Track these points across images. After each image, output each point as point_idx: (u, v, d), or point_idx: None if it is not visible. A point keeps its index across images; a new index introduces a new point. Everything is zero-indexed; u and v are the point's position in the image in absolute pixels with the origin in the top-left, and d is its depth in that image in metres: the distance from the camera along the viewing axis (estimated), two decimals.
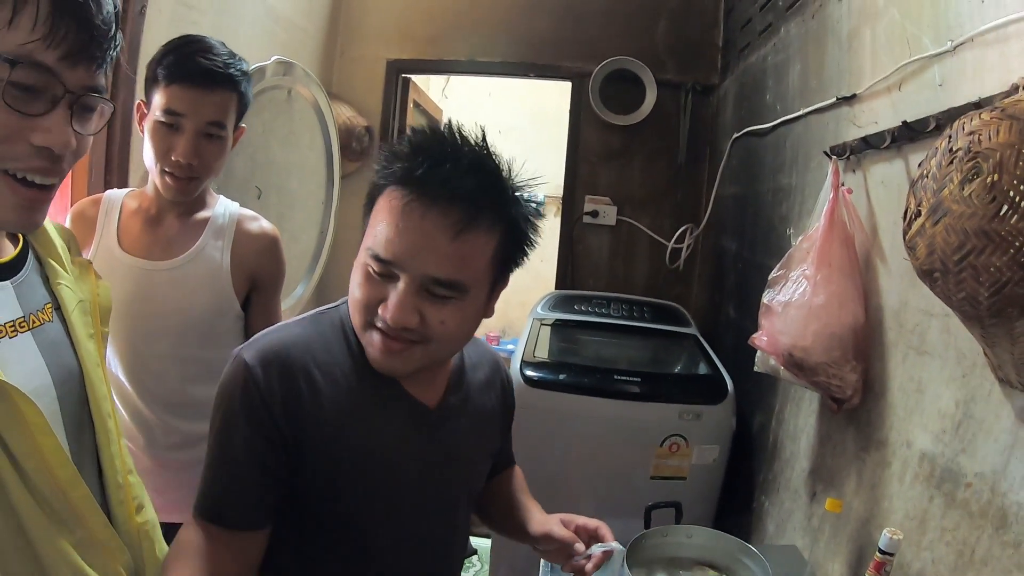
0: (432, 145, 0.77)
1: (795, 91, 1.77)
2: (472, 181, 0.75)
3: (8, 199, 0.63)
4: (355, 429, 0.81)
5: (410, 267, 0.75)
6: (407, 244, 0.74)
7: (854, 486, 1.24)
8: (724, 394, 1.88)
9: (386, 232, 0.75)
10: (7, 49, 0.57)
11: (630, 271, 2.91)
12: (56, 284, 0.76)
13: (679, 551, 1.25)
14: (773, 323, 1.29)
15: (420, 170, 0.74)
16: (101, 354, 0.80)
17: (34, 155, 0.62)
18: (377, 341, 0.78)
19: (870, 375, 1.21)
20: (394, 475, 0.85)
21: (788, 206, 1.75)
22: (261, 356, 0.79)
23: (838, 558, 1.25)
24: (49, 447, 0.65)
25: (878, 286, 1.20)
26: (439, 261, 0.75)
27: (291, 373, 0.79)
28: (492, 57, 2.88)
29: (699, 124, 2.79)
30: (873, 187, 1.25)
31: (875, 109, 1.27)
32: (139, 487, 0.82)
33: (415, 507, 0.87)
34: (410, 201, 0.75)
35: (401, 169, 0.76)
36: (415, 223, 0.74)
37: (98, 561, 0.70)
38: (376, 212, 0.79)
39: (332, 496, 0.82)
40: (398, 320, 0.75)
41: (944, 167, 0.64)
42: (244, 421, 0.77)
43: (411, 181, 0.75)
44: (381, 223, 0.77)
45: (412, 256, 0.75)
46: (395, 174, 0.77)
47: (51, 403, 0.70)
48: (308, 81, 1.96)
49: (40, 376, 0.70)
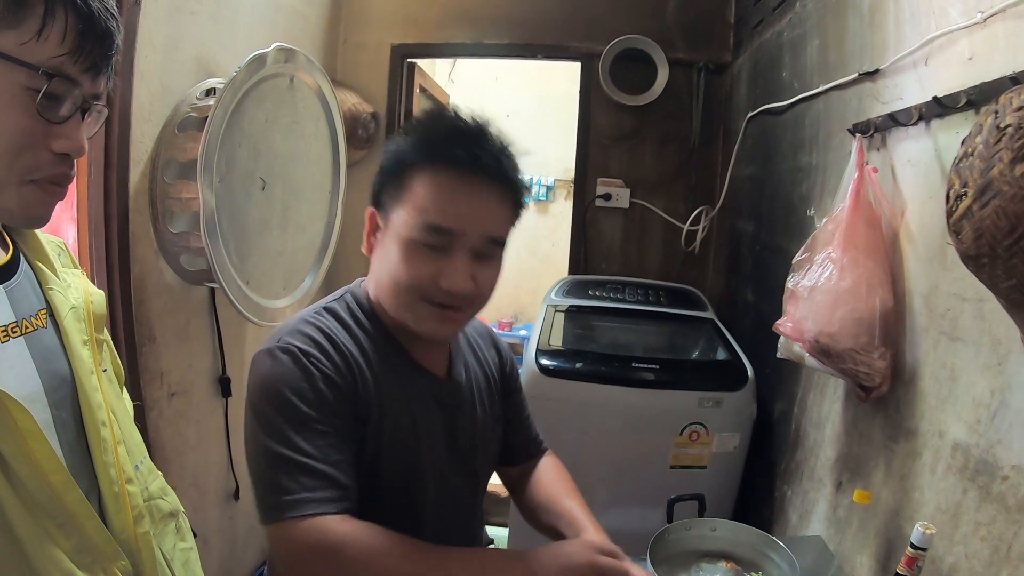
0: (468, 129, 0.86)
1: (813, 67, 1.70)
2: (507, 161, 0.87)
3: (30, 202, 0.66)
4: (389, 401, 0.86)
5: (472, 230, 0.83)
6: (470, 211, 0.83)
7: (882, 477, 1.20)
8: (744, 380, 1.83)
9: (443, 203, 0.82)
10: (39, 61, 0.61)
11: (644, 255, 2.86)
12: (48, 290, 0.75)
13: (702, 544, 1.23)
14: (798, 308, 1.24)
15: (464, 151, 0.83)
16: (96, 361, 0.78)
17: (56, 162, 0.65)
18: (436, 313, 0.84)
19: (899, 362, 1.16)
20: (426, 443, 0.89)
21: (808, 186, 1.69)
22: (306, 339, 0.82)
23: (866, 551, 1.21)
24: (42, 453, 0.65)
25: (906, 269, 1.15)
26: (496, 222, 0.86)
27: (339, 349, 0.83)
28: (498, 39, 2.81)
29: (712, 103, 2.71)
30: (900, 166, 1.19)
31: (900, 85, 1.21)
32: (140, 496, 0.80)
33: (446, 472, 0.92)
34: (465, 176, 0.83)
35: (444, 150, 0.84)
36: (474, 193, 0.84)
37: (96, 566, 0.69)
38: (416, 189, 0.84)
39: (379, 468, 0.85)
40: (464, 288, 0.83)
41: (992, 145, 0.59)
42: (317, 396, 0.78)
43: (459, 160, 0.83)
44: (433, 197, 0.83)
45: (474, 221, 0.83)
46: (439, 154, 0.84)
47: (43, 410, 0.69)
48: (311, 68, 1.91)
49: (32, 383, 0.69)
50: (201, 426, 1.89)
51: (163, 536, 0.85)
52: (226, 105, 1.59)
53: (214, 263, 1.56)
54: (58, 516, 0.66)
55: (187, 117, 1.69)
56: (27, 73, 0.61)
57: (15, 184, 0.64)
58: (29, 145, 0.63)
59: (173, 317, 1.76)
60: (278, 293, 1.91)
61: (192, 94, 1.74)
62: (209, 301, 1.90)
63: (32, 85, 0.61)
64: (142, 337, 1.64)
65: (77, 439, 0.73)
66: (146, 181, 1.64)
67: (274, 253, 1.88)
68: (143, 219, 1.64)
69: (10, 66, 0.60)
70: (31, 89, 0.61)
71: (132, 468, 0.80)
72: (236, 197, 1.69)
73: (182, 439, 1.80)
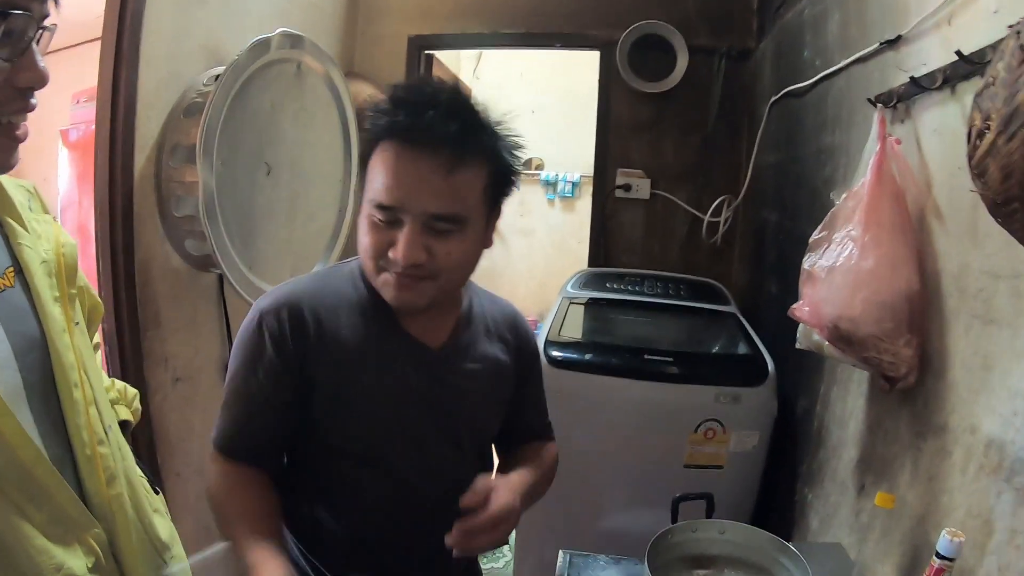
0: (411, 96, 0.84)
1: (835, 43, 1.61)
2: (454, 124, 0.81)
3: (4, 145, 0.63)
4: (361, 367, 0.90)
5: (412, 208, 0.82)
6: (406, 189, 0.82)
7: (908, 478, 1.10)
8: (764, 375, 1.74)
9: (385, 181, 0.82)
10: None
11: (666, 247, 2.77)
12: (17, 245, 0.73)
13: (710, 548, 1.15)
14: (816, 291, 1.15)
15: (405, 120, 0.81)
16: (69, 317, 0.76)
17: (18, 97, 0.62)
18: (392, 280, 0.85)
19: (927, 349, 1.06)
20: (400, 409, 0.92)
21: (832, 167, 1.60)
22: (273, 302, 0.89)
23: (889, 559, 1.11)
24: (9, 428, 0.63)
25: (934, 247, 1.06)
26: (437, 199, 0.82)
27: (300, 316, 0.88)
28: (515, 29, 2.77)
29: (735, 91, 2.62)
30: (925, 136, 1.10)
31: (923, 49, 1.12)
32: (112, 457, 0.78)
33: (424, 437, 0.94)
34: (403, 150, 0.82)
35: (388, 123, 0.83)
36: (410, 168, 0.81)
37: (69, 536, 0.69)
38: (372, 167, 0.85)
39: (347, 428, 0.91)
40: (409, 258, 0.82)
41: (1016, 67, 0.50)
42: (257, 359, 0.88)
43: (399, 132, 0.82)
44: (379, 175, 0.83)
45: (412, 198, 0.82)
46: (383, 128, 0.83)
47: (13, 375, 0.67)
48: (318, 54, 1.89)
49: (0, 349, 0.67)
50: (208, 413, 1.88)
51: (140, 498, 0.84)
52: (227, 88, 1.57)
53: (213, 245, 1.54)
54: (28, 489, 0.65)
55: (193, 102, 1.68)
56: None
57: None
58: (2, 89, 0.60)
59: (179, 302, 1.75)
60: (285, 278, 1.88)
61: (199, 80, 1.73)
62: (217, 288, 1.89)
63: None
64: (147, 321, 1.64)
65: (48, 402, 0.71)
66: (151, 166, 1.64)
67: (281, 239, 1.86)
68: (148, 203, 1.63)
69: None
70: None
71: (103, 429, 0.78)
72: (239, 181, 1.67)
73: (187, 425, 1.79)
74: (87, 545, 0.71)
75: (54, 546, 0.67)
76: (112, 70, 1.53)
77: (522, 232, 4.90)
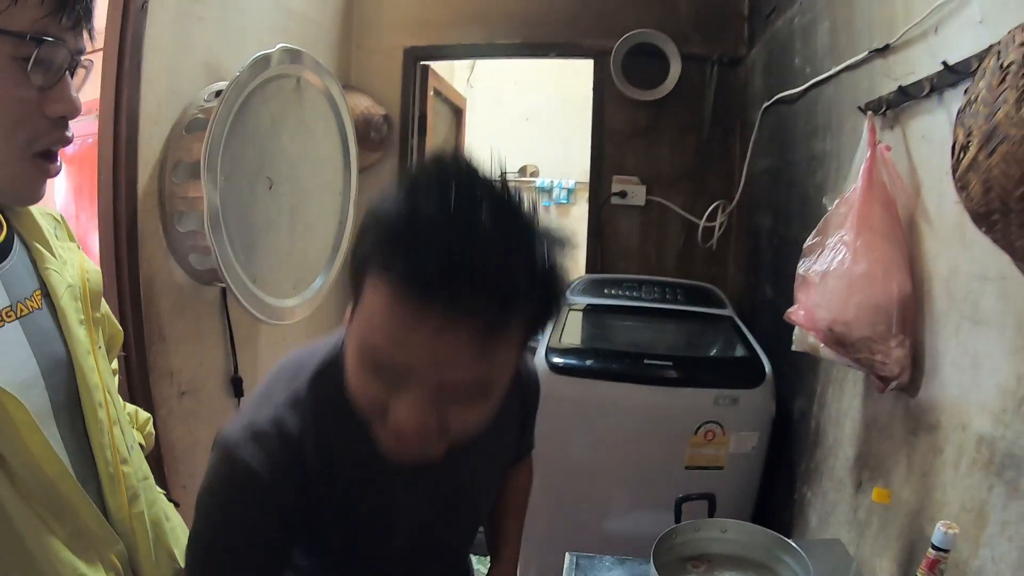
0: (445, 230, 0.55)
1: (824, 51, 1.64)
2: (503, 279, 0.56)
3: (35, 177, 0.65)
4: (364, 484, 0.75)
5: (425, 376, 0.58)
6: (418, 357, 0.57)
7: (903, 474, 1.13)
8: (762, 377, 1.77)
9: (385, 339, 0.58)
10: (23, 27, 0.58)
11: (662, 253, 2.80)
12: (44, 269, 0.74)
13: (712, 547, 1.17)
14: (810, 296, 1.18)
15: (432, 271, 0.54)
16: (92, 340, 0.78)
17: (52, 127, 0.63)
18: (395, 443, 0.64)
19: (919, 350, 1.09)
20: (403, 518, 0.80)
21: (823, 174, 1.63)
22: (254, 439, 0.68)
23: (887, 553, 1.14)
24: (35, 443, 0.65)
25: (924, 251, 1.09)
26: (461, 369, 0.59)
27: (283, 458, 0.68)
28: (511, 39, 2.79)
29: (728, 97, 2.65)
30: (914, 143, 1.13)
31: (911, 58, 1.16)
32: (134, 476, 0.80)
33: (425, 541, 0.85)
34: (418, 310, 0.55)
35: (402, 262, 0.55)
36: (427, 336, 0.56)
37: (91, 552, 0.70)
38: (366, 300, 0.60)
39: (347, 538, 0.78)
40: (413, 431, 0.60)
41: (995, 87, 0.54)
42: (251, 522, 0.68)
43: (417, 283, 0.55)
44: (377, 322, 0.58)
45: (426, 366, 0.58)
46: (391, 264, 0.56)
47: (40, 394, 0.69)
48: (317, 69, 1.92)
49: (28, 368, 0.68)
50: (213, 426, 1.89)
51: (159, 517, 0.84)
52: (230, 104, 1.60)
53: (219, 259, 1.56)
54: (53, 505, 0.66)
55: (195, 119, 1.70)
56: (12, 42, 0.58)
57: (16, 159, 0.63)
58: (26, 116, 0.61)
59: (183, 316, 1.77)
60: (287, 292, 1.91)
61: (200, 97, 1.76)
62: (220, 301, 1.91)
63: (20, 54, 0.59)
64: (151, 336, 1.65)
65: (74, 421, 0.73)
66: (155, 182, 1.66)
67: (282, 252, 1.88)
68: (152, 219, 1.65)
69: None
70: (19, 58, 0.59)
71: (126, 448, 0.80)
72: (242, 196, 1.69)
73: (193, 438, 1.80)
74: (109, 562, 0.72)
75: (78, 560, 0.68)
76: (114, 87, 1.55)
77: None
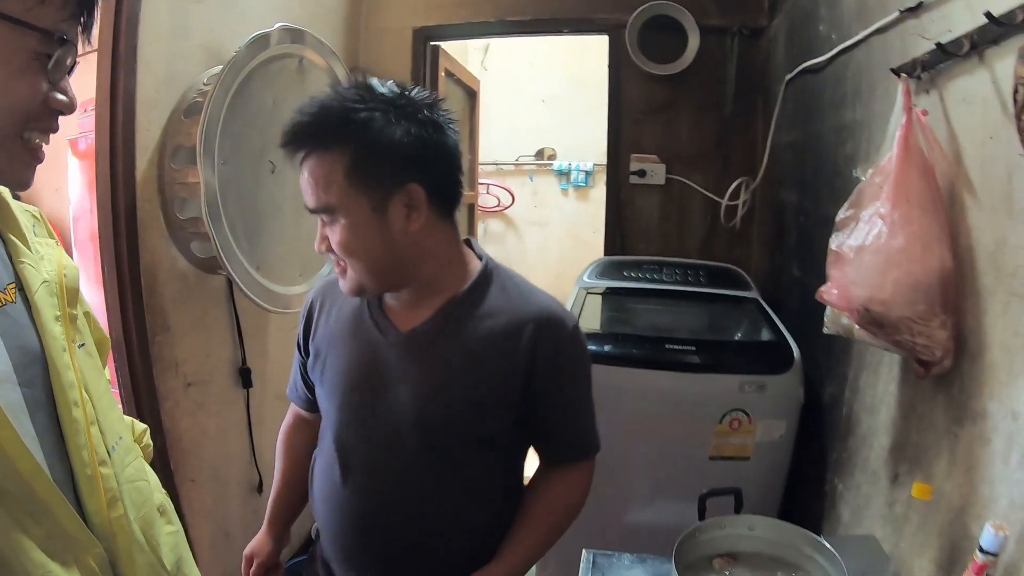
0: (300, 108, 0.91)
1: (851, 15, 1.53)
2: (309, 119, 0.89)
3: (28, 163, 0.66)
4: (336, 344, 1.03)
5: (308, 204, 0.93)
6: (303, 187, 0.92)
7: (945, 467, 1.04)
8: (790, 362, 1.68)
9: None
10: (48, 25, 0.61)
11: (684, 233, 2.70)
12: (19, 263, 0.74)
13: (739, 544, 1.11)
14: (844, 273, 1.09)
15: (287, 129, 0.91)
16: (69, 337, 0.76)
17: (47, 117, 0.66)
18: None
19: (963, 331, 1.00)
20: (346, 387, 1.00)
21: (853, 144, 1.52)
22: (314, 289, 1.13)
23: (926, 553, 1.05)
24: (7, 439, 0.63)
25: (967, 223, 0.99)
26: (307, 194, 0.91)
27: (318, 299, 1.10)
28: (522, 15, 2.70)
29: (749, 70, 2.54)
30: (953, 106, 1.03)
31: (947, 15, 1.05)
32: (112, 478, 0.76)
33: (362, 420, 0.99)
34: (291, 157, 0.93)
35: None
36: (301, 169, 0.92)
37: (67, 554, 0.68)
38: None
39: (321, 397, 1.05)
40: (318, 250, 0.94)
41: None
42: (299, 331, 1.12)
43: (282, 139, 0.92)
44: None
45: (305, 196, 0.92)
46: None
47: (13, 389, 0.67)
48: (321, 49, 1.85)
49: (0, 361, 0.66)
50: (221, 417, 1.86)
51: (151, 521, 0.83)
52: (227, 86, 1.54)
53: (218, 246, 1.51)
54: (28, 504, 0.65)
55: (193, 102, 1.65)
56: (39, 38, 0.61)
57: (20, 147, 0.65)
58: (34, 108, 0.64)
59: (188, 306, 1.73)
60: (294, 279, 1.86)
61: (200, 80, 1.70)
62: (227, 290, 1.87)
63: (44, 50, 0.62)
64: (155, 326, 1.62)
65: (50, 419, 0.71)
66: (154, 168, 1.61)
67: (288, 238, 1.83)
68: (152, 206, 1.61)
69: (21, 31, 0.60)
70: (42, 54, 0.62)
71: (106, 450, 0.77)
72: (244, 180, 1.64)
73: (200, 430, 1.77)
74: (86, 565, 0.70)
75: (51, 561, 0.66)
76: (109, 73, 1.50)
77: (536, 223, 4.84)
